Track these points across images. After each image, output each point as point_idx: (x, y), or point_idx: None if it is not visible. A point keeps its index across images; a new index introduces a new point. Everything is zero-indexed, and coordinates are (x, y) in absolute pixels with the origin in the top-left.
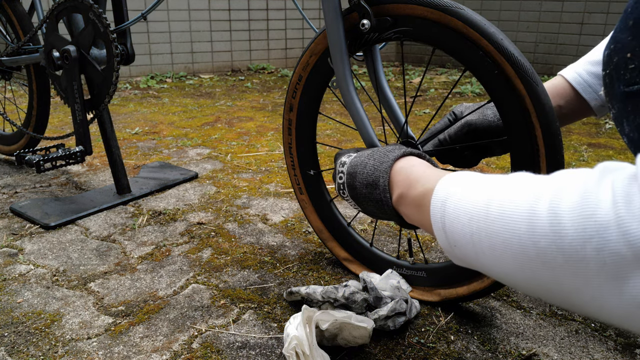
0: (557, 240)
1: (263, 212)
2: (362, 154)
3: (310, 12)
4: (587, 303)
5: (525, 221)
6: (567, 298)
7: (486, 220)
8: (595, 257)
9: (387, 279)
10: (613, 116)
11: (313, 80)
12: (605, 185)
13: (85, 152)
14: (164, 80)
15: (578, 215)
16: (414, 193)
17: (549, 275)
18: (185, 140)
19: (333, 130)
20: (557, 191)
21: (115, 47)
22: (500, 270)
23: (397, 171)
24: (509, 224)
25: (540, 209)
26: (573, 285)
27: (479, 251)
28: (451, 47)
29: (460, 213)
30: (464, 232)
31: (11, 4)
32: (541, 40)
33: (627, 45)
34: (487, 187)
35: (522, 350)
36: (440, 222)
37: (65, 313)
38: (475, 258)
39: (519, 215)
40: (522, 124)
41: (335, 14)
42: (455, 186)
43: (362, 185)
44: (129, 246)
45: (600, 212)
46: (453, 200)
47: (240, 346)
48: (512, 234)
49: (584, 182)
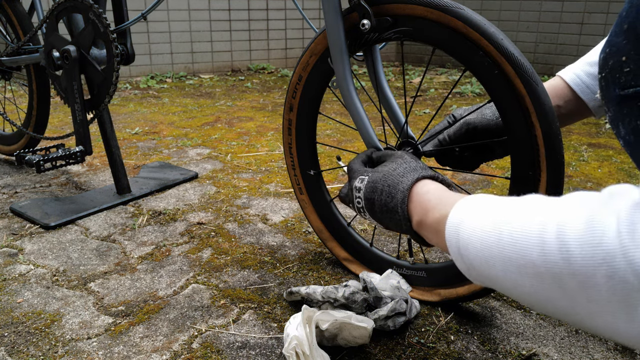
0: (568, 267)
1: (263, 212)
2: (374, 178)
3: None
4: (602, 327)
5: (536, 248)
6: (582, 321)
7: (498, 246)
8: (606, 284)
9: (387, 279)
10: (609, 119)
11: (313, 80)
12: (611, 212)
13: (85, 152)
14: (164, 80)
15: (585, 243)
16: (430, 219)
17: (565, 299)
18: (185, 140)
19: (333, 130)
20: (564, 217)
21: (115, 47)
22: (517, 292)
23: (413, 200)
24: (521, 251)
25: (548, 236)
26: (588, 310)
27: (494, 275)
28: (451, 47)
29: (473, 240)
30: (478, 257)
31: (11, 4)
32: (541, 40)
33: (622, 49)
34: (498, 213)
35: (522, 350)
36: (455, 248)
37: (65, 313)
38: (495, 280)
39: (529, 242)
40: (522, 124)
41: (336, 14)
42: (467, 212)
43: (381, 211)
44: (129, 246)
45: (607, 240)
46: (466, 227)
47: (240, 346)
48: (525, 260)
49: (591, 208)
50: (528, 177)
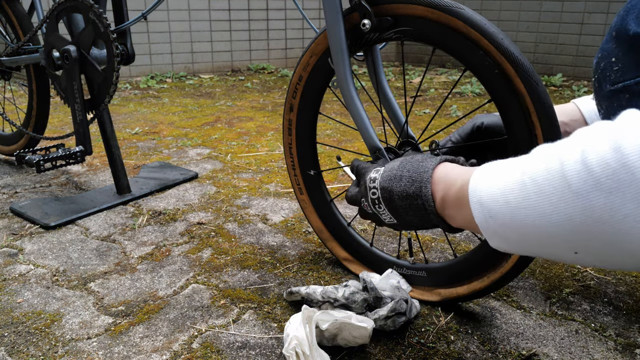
0: (585, 169)
1: (263, 212)
2: (391, 167)
3: (310, 12)
4: (621, 221)
5: (560, 182)
6: (617, 233)
7: (524, 195)
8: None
9: (387, 279)
10: (602, 117)
11: (313, 81)
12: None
13: (85, 152)
14: (164, 80)
15: (604, 161)
16: (453, 192)
17: (602, 223)
18: (185, 140)
19: (333, 130)
20: (574, 148)
21: (115, 47)
22: (550, 241)
23: (436, 181)
24: (543, 179)
25: (569, 161)
26: (607, 205)
27: (523, 227)
28: (451, 47)
29: (497, 197)
30: (506, 215)
31: (11, 4)
32: (541, 40)
33: (611, 52)
34: (517, 164)
35: (522, 350)
36: (478, 206)
37: (65, 313)
38: (527, 235)
39: (553, 180)
40: (522, 124)
41: (336, 14)
42: (487, 171)
43: (400, 197)
44: (129, 246)
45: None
46: (488, 183)
47: (240, 346)
48: (548, 178)
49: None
50: None
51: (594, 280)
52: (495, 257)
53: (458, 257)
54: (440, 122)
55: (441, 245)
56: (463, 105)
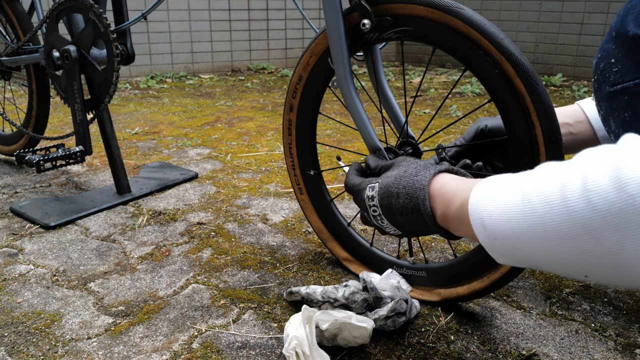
0: (589, 206)
1: (263, 212)
2: (386, 182)
3: (310, 12)
4: (632, 255)
5: (559, 204)
6: (610, 260)
7: (523, 214)
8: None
9: (387, 278)
10: (601, 118)
11: (313, 81)
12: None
13: (85, 152)
14: (164, 80)
15: (605, 190)
16: (453, 209)
17: (590, 238)
18: (185, 140)
19: (333, 130)
20: (577, 172)
21: (115, 47)
22: (546, 256)
23: (433, 196)
24: (546, 212)
25: (570, 191)
26: (615, 241)
27: (524, 245)
28: (451, 47)
29: (496, 215)
30: (505, 232)
31: (11, 4)
32: (541, 40)
33: (611, 53)
34: (516, 185)
35: (522, 350)
36: (481, 228)
37: (65, 313)
38: (525, 252)
39: (552, 202)
40: (522, 124)
41: (336, 14)
42: (486, 191)
43: (401, 213)
44: (129, 246)
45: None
46: (487, 205)
47: (240, 346)
48: (550, 210)
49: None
50: None
51: None
52: None
53: (458, 257)
54: (440, 122)
55: (441, 245)
56: (463, 105)
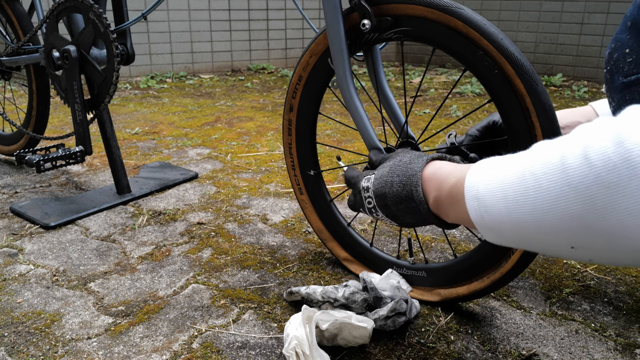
0: (585, 163)
1: (263, 212)
2: (381, 173)
3: (310, 12)
4: (623, 215)
5: (557, 163)
6: (601, 222)
7: (523, 190)
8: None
9: (387, 279)
10: (612, 110)
11: (313, 81)
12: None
13: (85, 152)
14: (164, 80)
15: (605, 154)
16: (446, 189)
17: (584, 197)
18: (185, 140)
19: (333, 130)
20: (575, 143)
21: (115, 47)
22: (536, 227)
23: (426, 179)
24: (546, 184)
25: (570, 153)
26: (607, 200)
27: (520, 223)
28: (451, 47)
29: (495, 192)
30: (502, 210)
31: (11, 3)
32: (541, 40)
33: (625, 43)
34: (516, 159)
35: (522, 350)
36: (476, 208)
37: (65, 313)
38: (523, 231)
39: (552, 173)
40: (522, 124)
41: (336, 14)
42: (483, 170)
43: (395, 203)
44: (129, 246)
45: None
46: (485, 183)
47: (240, 346)
48: (548, 171)
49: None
50: None
51: (594, 280)
52: (495, 257)
53: (458, 257)
54: (440, 122)
55: (441, 245)
56: (463, 105)
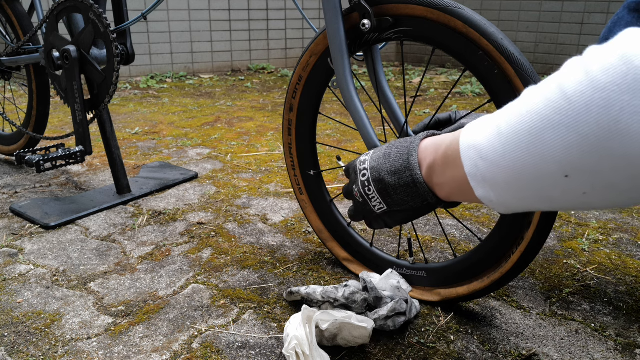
0: (586, 78)
1: (263, 212)
2: (380, 149)
3: (310, 12)
4: (630, 123)
5: (558, 99)
6: (607, 139)
7: (521, 123)
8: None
9: (387, 279)
10: None
11: (313, 81)
12: None
13: (85, 152)
14: (164, 80)
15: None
16: (442, 151)
17: (588, 113)
18: (185, 140)
19: (333, 130)
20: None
21: (115, 47)
22: (545, 175)
23: (423, 148)
24: (543, 108)
25: (570, 75)
26: (618, 109)
27: (517, 160)
28: (451, 47)
29: (490, 134)
30: (495, 148)
31: (11, 3)
32: (541, 40)
33: (623, 17)
34: (508, 109)
35: (522, 350)
36: (469, 156)
37: (65, 313)
38: (512, 175)
39: (550, 96)
40: None
41: (336, 14)
42: (479, 122)
43: (389, 173)
44: (129, 246)
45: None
46: (481, 130)
47: (240, 346)
48: (550, 97)
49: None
50: None
51: (594, 280)
52: (495, 257)
53: (458, 257)
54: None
55: (441, 245)
56: (463, 105)
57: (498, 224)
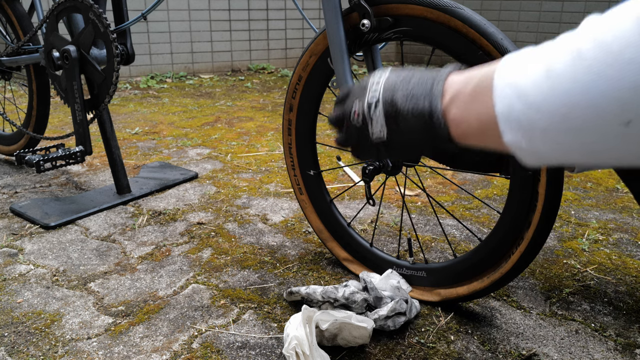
0: None
1: (263, 212)
2: (399, 71)
3: (310, 12)
4: None
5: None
6: None
7: (573, 66)
8: None
9: (387, 279)
10: None
11: (313, 81)
12: None
13: (85, 152)
14: (164, 80)
15: None
16: (472, 84)
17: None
18: (185, 140)
19: (333, 130)
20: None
21: (115, 47)
22: (595, 130)
23: (450, 82)
24: (604, 53)
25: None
26: None
27: (567, 119)
28: (451, 47)
29: (539, 80)
30: (541, 88)
31: (11, 3)
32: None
33: None
34: (558, 48)
35: (522, 350)
36: (508, 94)
37: (65, 313)
38: (558, 134)
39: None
40: None
41: (336, 14)
42: (520, 61)
43: (405, 97)
44: (129, 246)
45: None
46: (524, 74)
47: (240, 346)
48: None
49: None
50: (528, 176)
51: (594, 280)
52: (495, 257)
53: (458, 257)
54: None
55: (441, 245)
56: None
57: (498, 224)
